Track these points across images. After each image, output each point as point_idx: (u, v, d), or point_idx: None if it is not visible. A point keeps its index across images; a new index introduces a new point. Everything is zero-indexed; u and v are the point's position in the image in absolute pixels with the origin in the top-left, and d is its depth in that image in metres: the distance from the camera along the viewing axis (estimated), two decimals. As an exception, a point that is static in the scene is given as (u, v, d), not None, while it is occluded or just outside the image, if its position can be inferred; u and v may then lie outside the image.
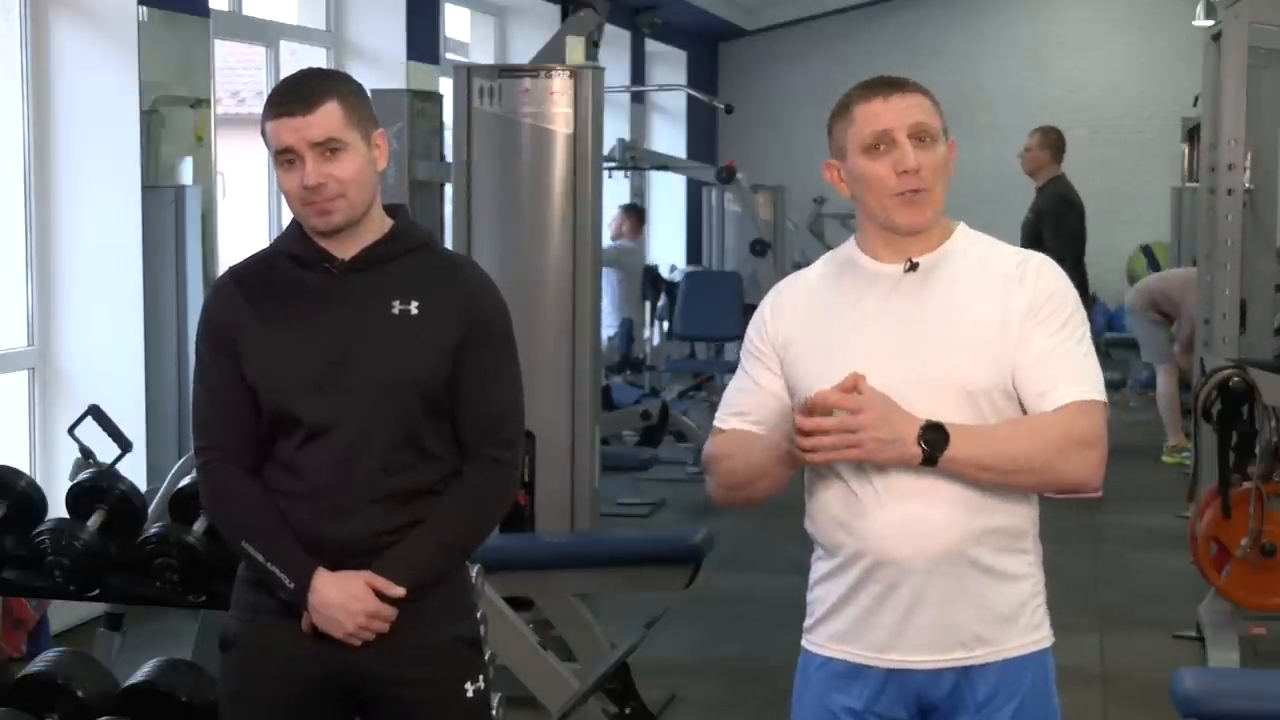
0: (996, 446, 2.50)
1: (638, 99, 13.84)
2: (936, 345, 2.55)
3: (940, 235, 2.63)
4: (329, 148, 2.67)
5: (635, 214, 11.92)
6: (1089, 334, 2.60)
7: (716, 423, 2.71)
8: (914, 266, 2.59)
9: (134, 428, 5.96)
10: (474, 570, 3.09)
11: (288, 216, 2.80)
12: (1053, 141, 8.61)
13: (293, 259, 2.78)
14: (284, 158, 2.69)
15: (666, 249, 14.42)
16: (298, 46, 8.87)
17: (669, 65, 14.76)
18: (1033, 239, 8.06)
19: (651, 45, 14.11)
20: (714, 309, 10.77)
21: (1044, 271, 2.59)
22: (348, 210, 2.71)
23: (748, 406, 2.67)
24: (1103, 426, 2.54)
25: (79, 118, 6.51)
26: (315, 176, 2.67)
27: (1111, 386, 4.97)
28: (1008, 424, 2.54)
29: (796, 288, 2.72)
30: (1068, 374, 2.53)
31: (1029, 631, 2.61)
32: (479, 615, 2.99)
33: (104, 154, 6.51)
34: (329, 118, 2.67)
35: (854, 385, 2.44)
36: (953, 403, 2.51)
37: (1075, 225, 8.41)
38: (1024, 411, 2.55)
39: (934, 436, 2.45)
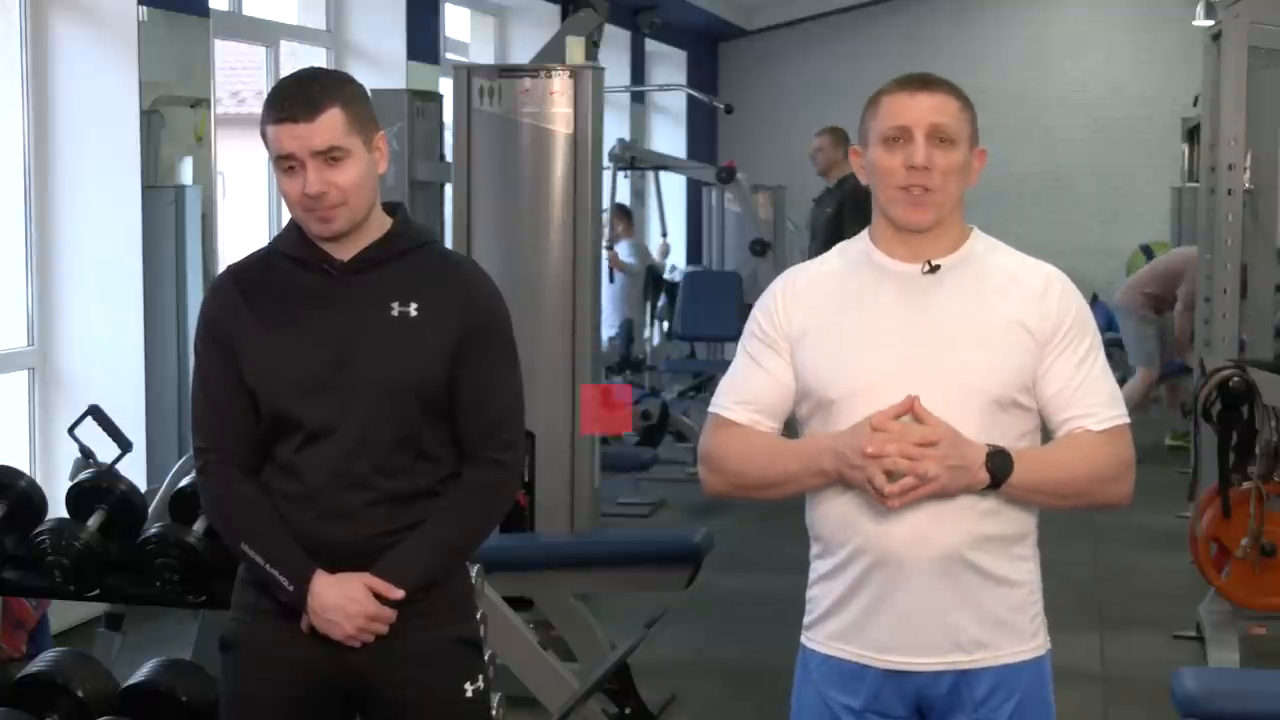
0: (1052, 473, 2.55)
1: (638, 99, 13.84)
2: (955, 349, 2.55)
3: (957, 238, 2.63)
4: (331, 155, 2.65)
5: (626, 214, 11.91)
6: (1103, 349, 2.64)
7: (719, 411, 2.67)
8: (934, 268, 2.59)
9: (134, 428, 5.97)
10: (474, 570, 3.09)
11: (287, 217, 2.78)
12: (842, 140, 8.97)
13: (291, 260, 2.77)
14: (285, 163, 2.67)
15: (666, 249, 14.40)
16: (298, 46, 8.87)
17: (669, 65, 14.75)
18: (836, 231, 8.16)
19: (651, 45, 14.10)
20: (714, 309, 10.77)
21: (1068, 291, 2.62)
22: (349, 216, 2.70)
23: (756, 395, 2.64)
24: (1133, 448, 2.61)
25: (79, 117, 6.51)
26: (317, 185, 2.65)
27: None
28: (1058, 450, 2.58)
29: (810, 277, 2.69)
30: (1100, 398, 2.58)
31: (1026, 639, 2.62)
32: (479, 616, 2.98)
33: (104, 154, 6.51)
34: (331, 125, 2.64)
35: (910, 408, 2.46)
36: (968, 407, 2.52)
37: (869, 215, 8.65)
38: (1043, 425, 2.59)
39: (1000, 464, 2.49)
